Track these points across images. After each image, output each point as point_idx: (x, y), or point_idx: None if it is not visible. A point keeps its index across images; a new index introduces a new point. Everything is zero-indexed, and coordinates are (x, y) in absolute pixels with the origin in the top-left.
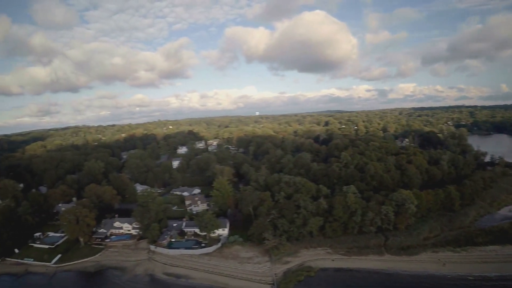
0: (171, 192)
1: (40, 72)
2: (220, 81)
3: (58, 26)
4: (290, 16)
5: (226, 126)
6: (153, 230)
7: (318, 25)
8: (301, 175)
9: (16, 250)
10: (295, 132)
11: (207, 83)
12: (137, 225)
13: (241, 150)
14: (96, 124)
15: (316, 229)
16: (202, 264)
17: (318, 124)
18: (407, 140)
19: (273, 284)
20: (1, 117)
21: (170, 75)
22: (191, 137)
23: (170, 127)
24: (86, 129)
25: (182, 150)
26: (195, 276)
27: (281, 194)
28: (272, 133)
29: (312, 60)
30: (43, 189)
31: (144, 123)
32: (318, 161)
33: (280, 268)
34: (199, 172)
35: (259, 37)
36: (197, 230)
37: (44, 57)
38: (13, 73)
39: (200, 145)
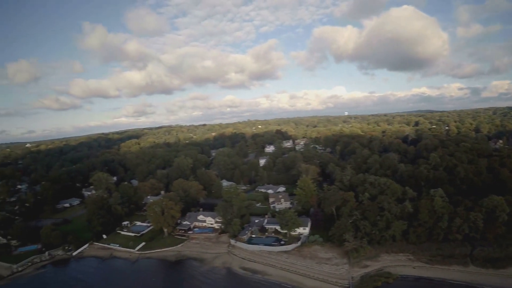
0: (256, 189)
1: (135, 76)
2: (309, 82)
3: (150, 33)
4: (378, 13)
5: (315, 126)
6: (234, 225)
7: (406, 20)
8: (387, 176)
9: (104, 236)
10: (383, 132)
11: (296, 83)
12: (220, 219)
13: (328, 149)
14: (188, 124)
15: (399, 233)
16: (279, 262)
17: (408, 124)
18: (501, 141)
19: (349, 287)
20: (100, 118)
21: (260, 76)
22: (278, 136)
23: (259, 126)
24: (179, 128)
25: (270, 149)
26: (271, 273)
27: (365, 195)
28: (360, 133)
29: (402, 58)
30: (135, 182)
31: (234, 122)
32: (406, 162)
33: (358, 272)
34: (285, 170)
35: (347, 36)
36: (278, 228)
37: (139, 62)
38: (111, 78)
39: (288, 144)
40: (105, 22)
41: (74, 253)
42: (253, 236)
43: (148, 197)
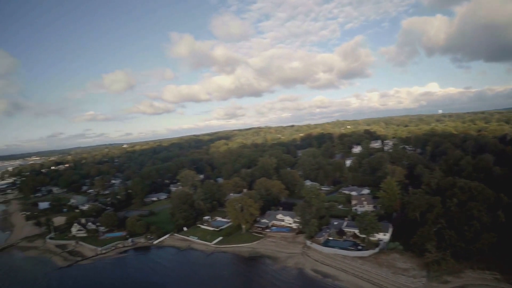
0: (340, 190)
1: (224, 80)
2: (400, 78)
3: (236, 38)
4: None
5: (406, 126)
6: (312, 226)
7: (501, 3)
8: (480, 180)
9: (185, 229)
10: (478, 131)
11: (387, 81)
12: (298, 219)
13: (418, 150)
14: (278, 125)
15: (487, 247)
16: (353, 267)
17: (507, 122)
18: None
19: None
20: (193, 121)
21: (349, 74)
22: (366, 136)
23: (348, 127)
24: (267, 129)
25: (357, 149)
26: (342, 279)
27: (453, 200)
28: (453, 132)
29: (499, 47)
30: (221, 180)
31: (323, 123)
32: (503, 164)
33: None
34: (371, 171)
35: (437, 26)
36: (356, 231)
37: (227, 66)
38: (201, 83)
39: (376, 144)
40: (192, 31)
41: (155, 242)
42: (330, 238)
43: (231, 194)
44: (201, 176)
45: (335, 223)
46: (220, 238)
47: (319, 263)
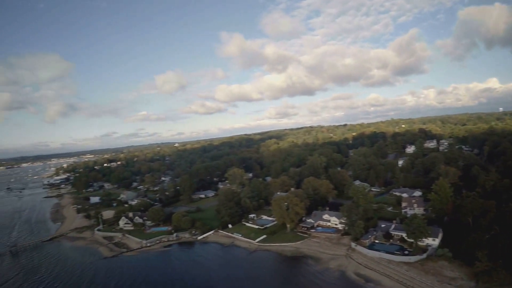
0: (390, 192)
1: (276, 79)
2: (458, 74)
3: (287, 36)
4: None
5: (463, 124)
6: (357, 227)
7: None
8: None
9: (230, 226)
10: None
11: (444, 77)
12: (344, 220)
13: (475, 150)
14: (331, 125)
15: None
16: (397, 273)
17: None
18: None
19: None
20: (244, 120)
21: (404, 71)
22: (421, 135)
23: (403, 126)
24: (319, 128)
25: (411, 149)
26: (385, 284)
27: (509, 205)
28: None
29: None
30: (269, 179)
31: (377, 122)
32: None
33: None
34: (424, 172)
35: (496, 15)
36: (404, 235)
37: (278, 65)
38: (252, 82)
39: (431, 144)
40: (241, 30)
41: (199, 237)
42: (376, 241)
43: (278, 193)
44: (250, 175)
45: (383, 225)
46: (264, 236)
47: (362, 266)
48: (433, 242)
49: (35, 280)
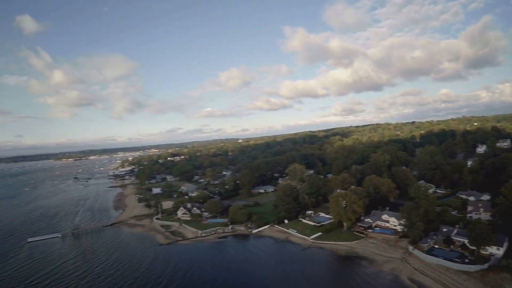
0: (457, 194)
1: (342, 74)
2: None
3: (352, 28)
4: None
5: None
6: (416, 230)
7: None
8: None
9: (286, 221)
10: None
11: None
12: (403, 221)
13: None
14: (399, 122)
15: None
16: (454, 282)
17: None
18: None
19: None
20: (309, 117)
21: (477, 63)
22: (493, 134)
23: (475, 124)
24: (385, 125)
25: (482, 148)
26: None
27: None
28: None
29: None
30: (330, 176)
31: (447, 120)
32: None
33: None
34: (495, 174)
35: None
36: (466, 241)
37: (344, 59)
38: (318, 77)
39: (505, 144)
40: (304, 23)
41: (254, 231)
42: (436, 246)
43: (337, 190)
44: (311, 171)
45: (444, 230)
46: (319, 233)
47: (418, 272)
48: (497, 251)
49: (93, 261)
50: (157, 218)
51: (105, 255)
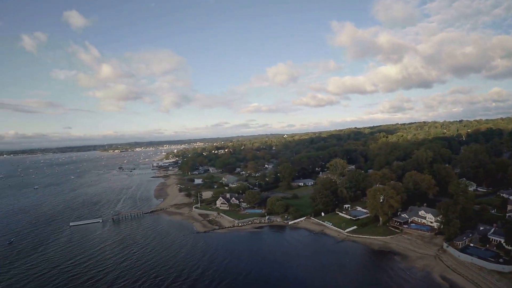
0: (498, 193)
1: (390, 70)
2: None
3: (401, 23)
4: None
5: None
6: (452, 227)
7: None
8: None
9: (322, 214)
10: None
11: None
12: (440, 218)
13: None
14: (448, 121)
15: None
16: (486, 282)
17: None
18: None
19: None
20: (357, 113)
21: None
22: None
23: None
24: (432, 124)
25: None
26: None
27: None
28: None
29: None
30: (371, 171)
31: (495, 119)
32: None
33: None
34: None
35: None
36: (503, 241)
37: (393, 54)
38: (366, 73)
39: None
40: (352, 18)
41: (290, 222)
42: (471, 245)
43: (377, 185)
44: (352, 167)
45: (481, 228)
46: (355, 227)
47: (450, 270)
48: None
49: (132, 246)
50: (196, 207)
51: (143, 241)
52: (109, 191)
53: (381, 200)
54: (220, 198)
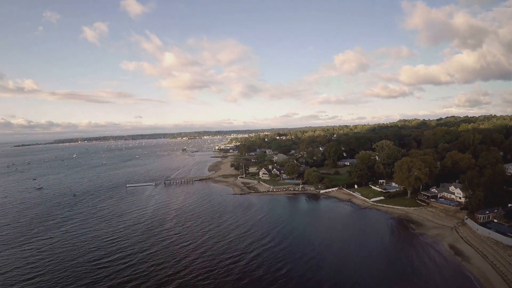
0: None
1: (468, 58)
2: None
3: (480, 2)
4: None
5: None
6: (474, 198)
7: None
8: None
9: (356, 186)
10: None
11: None
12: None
13: None
14: None
15: None
16: (496, 256)
17: None
18: None
19: None
20: (429, 107)
21: None
22: None
23: None
24: (501, 117)
25: None
26: (473, 262)
27: None
28: None
29: None
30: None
31: None
32: None
33: None
34: None
35: None
36: None
37: (471, 39)
38: (440, 62)
39: None
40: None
41: (322, 191)
42: (495, 220)
43: None
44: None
45: (510, 205)
46: (381, 198)
47: (462, 240)
48: None
49: (175, 199)
50: (240, 177)
51: (186, 197)
52: (168, 167)
53: (408, 171)
54: (263, 169)
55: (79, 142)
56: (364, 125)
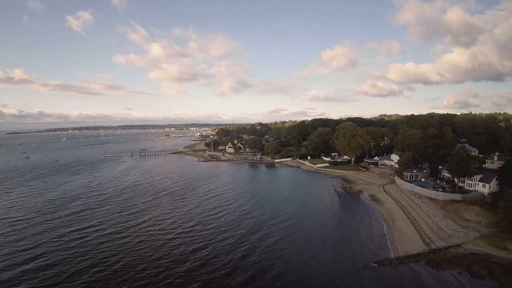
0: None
1: (459, 57)
2: None
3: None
4: None
5: None
6: (403, 158)
7: None
8: None
9: (309, 157)
10: None
11: None
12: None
13: None
14: None
15: None
16: (410, 201)
17: None
18: None
19: None
20: (418, 107)
21: None
22: None
23: None
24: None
25: None
26: (387, 206)
27: None
28: None
29: None
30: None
31: None
32: None
33: None
34: None
35: None
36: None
37: (463, 37)
38: (430, 59)
39: None
40: None
41: (276, 160)
42: (422, 180)
43: None
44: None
45: (440, 167)
46: (326, 165)
47: (383, 192)
48: (483, 188)
49: (146, 166)
50: (208, 151)
51: (158, 164)
52: (149, 146)
53: (350, 139)
54: (229, 143)
55: (70, 131)
56: (343, 117)
